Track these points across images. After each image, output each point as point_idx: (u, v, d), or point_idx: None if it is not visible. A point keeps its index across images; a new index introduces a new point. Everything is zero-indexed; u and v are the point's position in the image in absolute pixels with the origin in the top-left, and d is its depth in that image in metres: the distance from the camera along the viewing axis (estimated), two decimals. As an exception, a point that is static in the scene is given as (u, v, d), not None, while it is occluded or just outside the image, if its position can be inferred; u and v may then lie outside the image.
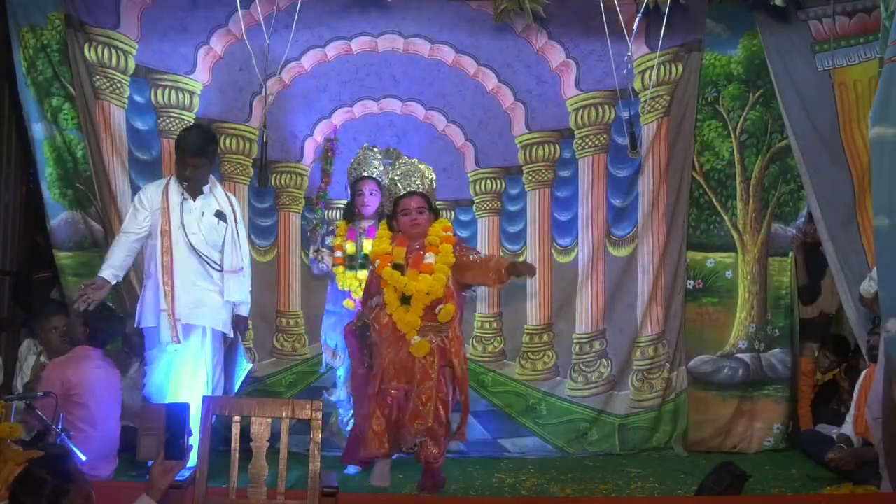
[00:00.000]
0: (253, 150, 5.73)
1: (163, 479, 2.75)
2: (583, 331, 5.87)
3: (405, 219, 4.51)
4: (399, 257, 4.51)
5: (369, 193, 5.08)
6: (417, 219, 4.49)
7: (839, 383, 6.08)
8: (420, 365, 4.44)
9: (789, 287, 5.99)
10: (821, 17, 5.63)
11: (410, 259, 4.50)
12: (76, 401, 4.58)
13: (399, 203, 4.52)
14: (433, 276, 4.41)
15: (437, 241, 4.51)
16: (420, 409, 4.39)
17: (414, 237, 4.55)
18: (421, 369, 4.44)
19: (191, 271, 4.69)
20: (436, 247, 4.50)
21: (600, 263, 5.89)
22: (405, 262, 4.50)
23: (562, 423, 5.83)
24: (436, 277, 4.41)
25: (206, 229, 4.72)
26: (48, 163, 5.66)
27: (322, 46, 5.73)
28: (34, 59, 5.57)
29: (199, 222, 4.72)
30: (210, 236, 4.73)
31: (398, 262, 4.52)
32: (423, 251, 4.50)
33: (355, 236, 5.10)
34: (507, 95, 5.83)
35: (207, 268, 4.72)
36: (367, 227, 5.09)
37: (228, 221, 4.77)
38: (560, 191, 5.90)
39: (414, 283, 4.42)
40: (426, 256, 4.45)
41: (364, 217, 5.13)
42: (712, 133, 5.94)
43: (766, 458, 5.70)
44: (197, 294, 4.69)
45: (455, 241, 4.60)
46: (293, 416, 3.26)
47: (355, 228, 5.14)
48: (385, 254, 4.56)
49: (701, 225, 5.98)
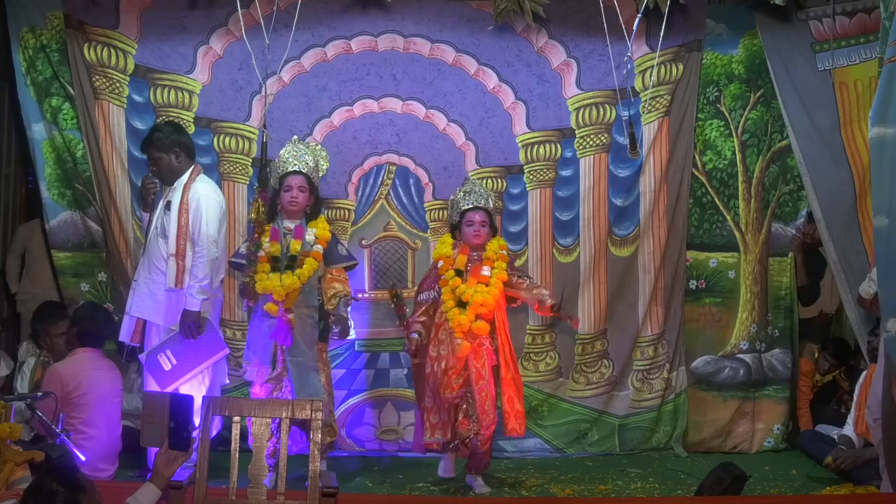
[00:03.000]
0: (252, 149, 5.72)
1: (167, 468, 2.76)
2: (585, 331, 5.86)
3: (469, 229, 4.95)
4: (460, 264, 4.93)
5: (298, 189, 4.83)
6: (480, 231, 4.94)
7: (839, 384, 6.08)
8: (474, 368, 4.81)
9: (789, 287, 5.99)
10: (821, 17, 5.63)
11: (470, 268, 4.92)
12: (77, 402, 4.58)
13: (465, 215, 4.96)
14: (488, 289, 4.85)
15: (494, 257, 4.95)
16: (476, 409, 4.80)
17: (474, 248, 4.97)
18: (475, 372, 4.81)
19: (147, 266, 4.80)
20: (492, 261, 4.94)
21: (602, 263, 5.88)
22: (465, 269, 4.92)
23: (563, 424, 5.83)
24: (490, 291, 4.85)
25: (160, 220, 4.80)
26: (47, 163, 5.66)
27: (322, 46, 5.72)
28: (34, 59, 5.57)
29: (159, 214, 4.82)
30: (161, 227, 4.79)
31: (459, 269, 4.94)
32: (480, 263, 4.93)
33: (279, 237, 4.82)
34: (507, 94, 5.83)
35: (160, 260, 4.78)
36: (292, 228, 4.85)
37: (171, 208, 4.76)
38: (561, 190, 5.89)
39: (471, 290, 4.83)
40: (483, 269, 4.89)
41: (289, 215, 4.88)
42: (714, 133, 5.94)
43: (766, 459, 5.70)
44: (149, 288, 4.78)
45: (508, 260, 5.05)
46: (293, 416, 3.26)
47: (278, 228, 4.85)
48: (447, 257, 4.98)
49: (704, 225, 5.97)
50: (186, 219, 4.72)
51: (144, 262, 4.85)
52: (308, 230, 4.86)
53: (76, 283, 5.71)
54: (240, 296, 5.18)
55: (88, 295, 5.67)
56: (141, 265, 4.88)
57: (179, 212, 4.73)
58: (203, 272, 4.70)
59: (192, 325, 4.69)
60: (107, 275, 5.71)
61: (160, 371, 4.72)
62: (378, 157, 5.83)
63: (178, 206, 4.75)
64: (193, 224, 4.72)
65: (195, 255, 4.72)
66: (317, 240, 4.84)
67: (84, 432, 4.57)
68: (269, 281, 4.73)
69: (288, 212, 4.88)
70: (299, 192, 4.83)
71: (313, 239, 4.84)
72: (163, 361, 4.73)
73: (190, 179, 4.82)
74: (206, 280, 4.71)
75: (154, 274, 4.78)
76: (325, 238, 4.87)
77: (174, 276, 4.71)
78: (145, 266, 4.83)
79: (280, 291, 4.70)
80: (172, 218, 4.74)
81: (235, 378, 5.56)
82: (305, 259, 4.78)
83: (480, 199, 5.00)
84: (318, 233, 4.86)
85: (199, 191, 4.80)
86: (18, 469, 3.21)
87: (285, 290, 4.69)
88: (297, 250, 4.78)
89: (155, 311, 4.79)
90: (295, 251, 4.78)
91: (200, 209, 4.74)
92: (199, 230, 4.71)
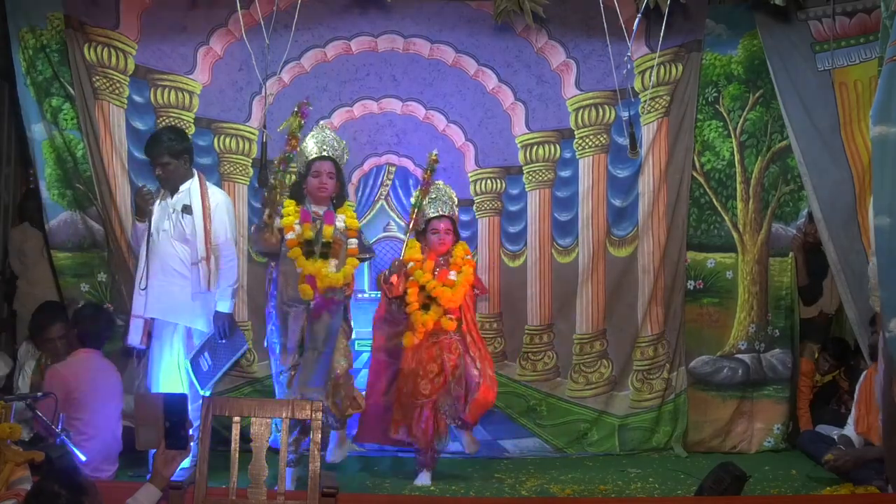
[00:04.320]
0: (252, 149, 5.72)
1: (166, 468, 2.76)
2: (583, 331, 5.87)
3: (434, 237, 5.11)
4: (428, 270, 5.06)
5: (327, 175, 4.77)
6: (445, 239, 5.11)
7: (839, 384, 6.08)
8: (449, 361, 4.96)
9: (790, 287, 5.99)
10: (821, 17, 5.63)
11: (437, 273, 5.06)
12: (77, 403, 4.58)
13: (430, 223, 5.12)
14: (453, 291, 4.99)
15: (461, 262, 5.10)
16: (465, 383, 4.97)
17: (439, 255, 5.13)
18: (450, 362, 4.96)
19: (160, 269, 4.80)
20: (458, 266, 5.07)
21: (601, 263, 5.88)
22: (433, 275, 5.05)
23: (562, 424, 5.83)
24: (455, 293, 4.99)
25: (175, 225, 4.81)
26: (47, 163, 5.65)
27: (322, 46, 5.72)
28: (34, 59, 5.56)
29: (172, 219, 4.82)
30: (178, 231, 4.81)
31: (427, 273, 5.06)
32: (447, 268, 5.07)
33: (309, 219, 4.75)
34: (507, 95, 5.83)
35: (178, 263, 4.79)
36: (322, 213, 4.80)
37: (194, 213, 4.80)
38: (560, 191, 5.90)
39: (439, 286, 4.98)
40: (450, 273, 5.03)
41: (316, 201, 4.81)
42: (713, 133, 5.94)
43: (766, 459, 5.70)
44: (166, 290, 4.78)
45: (475, 265, 5.23)
46: (293, 416, 3.26)
47: (307, 211, 4.78)
48: (418, 259, 5.08)
49: (702, 225, 5.98)
50: (210, 224, 4.81)
51: (155, 265, 4.82)
52: (338, 216, 4.81)
53: (76, 283, 5.70)
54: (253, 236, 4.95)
55: (88, 295, 5.67)
56: (150, 268, 4.83)
57: (203, 217, 4.80)
58: (235, 275, 4.92)
59: (227, 325, 4.86)
60: (107, 275, 5.70)
61: (201, 372, 4.85)
62: (378, 157, 5.84)
63: (202, 212, 4.80)
64: (218, 230, 4.83)
65: (225, 258, 4.84)
66: (347, 229, 4.81)
67: (85, 432, 4.56)
68: (312, 265, 4.65)
69: (316, 198, 4.81)
70: (328, 179, 4.77)
71: (343, 226, 4.80)
72: (203, 363, 4.87)
73: (203, 185, 4.89)
74: (237, 283, 4.98)
75: (170, 276, 4.80)
76: (355, 227, 4.86)
77: (206, 278, 4.78)
78: (156, 269, 4.82)
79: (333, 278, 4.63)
80: (197, 223, 4.79)
81: (236, 378, 5.58)
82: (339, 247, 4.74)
83: (445, 207, 5.13)
84: (347, 221, 4.83)
85: (217, 198, 4.91)
86: (18, 469, 3.20)
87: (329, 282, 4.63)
88: (330, 236, 4.73)
89: (174, 311, 4.81)
90: (327, 237, 4.73)
91: (223, 215, 4.87)
92: (226, 235, 4.86)
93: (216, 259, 4.80)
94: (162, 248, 4.83)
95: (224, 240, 4.84)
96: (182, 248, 4.80)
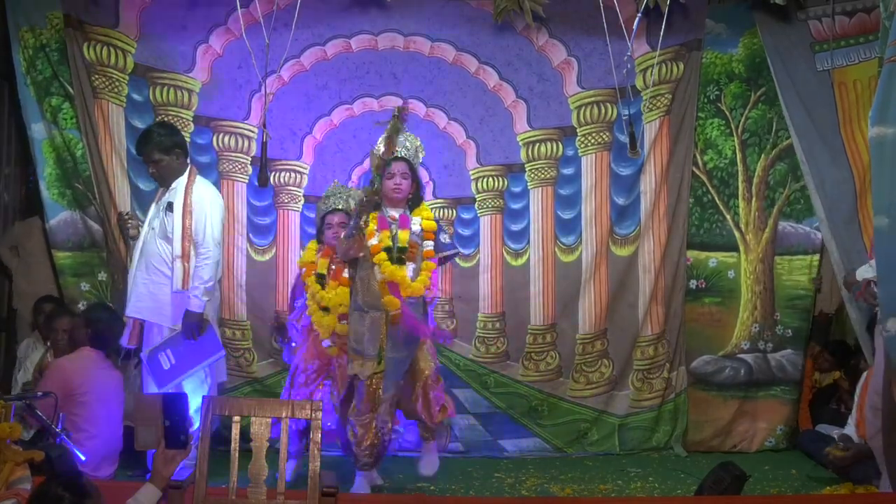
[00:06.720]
0: (252, 148, 5.72)
1: (165, 468, 2.75)
2: (586, 330, 5.86)
3: (328, 232, 4.93)
4: (322, 268, 4.92)
5: (401, 175, 4.61)
6: (339, 232, 4.81)
7: (839, 384, 6.08)
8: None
9: (807, 287, 5.92)
10: (821, 16, 5.64)
11: (333, 270, 4.87)
12: (78, 401, 4.57)
13: (325, 218, 4.97)
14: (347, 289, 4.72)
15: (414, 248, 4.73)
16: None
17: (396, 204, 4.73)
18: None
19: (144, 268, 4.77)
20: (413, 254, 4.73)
21: (604, 262, 5.87)
22: (327, 272, 4.89)
23: (563, 424, 5.83)
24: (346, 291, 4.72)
25: (161, 222, 4.77)
26: (47, 162, 5.66)
27: (322, 44, 5.72)
28: (33, 58, 5.56)
29: (160, 217, 4.79)
30: (161, 229, 4.77)
31: (321, 273, 4.91)
32: (343, 265, 4.78)
33: (388, 225, 4.60)
34: (508, 93, 5.83)
35: (161, 261, 4.75)
36: (397, 217, 4.63)
37: (174, 209, 4.73)
38: (563, 188, 5.90)
39: (331, 295, 4.79)
40: (344, 270, 4.77)
41: (392, 203, 4.65)
42: (715, 132, 5.93)
43: (766, 458, 5.69)
44: (149, 289, 4.75)
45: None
46: (293, 415, 3.26)
47: (385, 217, 4.63)
48: (311, 263, 4.96)
49: (704, 224, 5.97)
50: (190, 221, 4.71)
51: (140, 263, 4.81)
52: (413, 219, 4.66)
53: (76, 282, 5.71)
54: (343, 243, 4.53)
55: (88, 295, 5.68)
56: (136, 267, 4.84)
57: (183, 214, 4.71)
58: (209, 274, 4.70)
59: (194, 325, 4.67)
60: (107, 274, 5.70)
61: (159, 370, 4.70)
62: (378, 156, 5.83)
63: (182, 208, 4.72)
64: (197, 226, 4.71)
65: (200, 257, 4.70)
66: (423, 232, 4.63)
67: (85, 431, 4.56)
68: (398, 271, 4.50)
69: (391, 200, 4.64)
70: (402, 179, 4.61)
71: (419, 229, 4.63)
72: (163, 360, 4.71)
73: (189, 181, 4.79)
74: (210, 282, 4.71)
75: (153, 275, 4.76)
76: (431, 229, 4.66)
77: (181, 278, 4.68)
78: (142, 268, 4.80)
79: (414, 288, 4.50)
80: (176, 220, 4.72)
81: (236, 378, 5.57)
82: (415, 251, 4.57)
83: (339, 202, 4.99)
84: (423, 223, 4.64)
85: (201, 193, 4.78)
86: (18, 469, 3.19)
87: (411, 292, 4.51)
88: (406, 241, 4.57)
89: (155, 311, 4.76)
90: (403, 243, 4.56)
91: (205, 212, 4.73)
92: (205, 233, 4.71)
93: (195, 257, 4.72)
94: (149, 246, 4.79)
95: (202, 238, 4.70)
96: (165, 246, 4.74)
